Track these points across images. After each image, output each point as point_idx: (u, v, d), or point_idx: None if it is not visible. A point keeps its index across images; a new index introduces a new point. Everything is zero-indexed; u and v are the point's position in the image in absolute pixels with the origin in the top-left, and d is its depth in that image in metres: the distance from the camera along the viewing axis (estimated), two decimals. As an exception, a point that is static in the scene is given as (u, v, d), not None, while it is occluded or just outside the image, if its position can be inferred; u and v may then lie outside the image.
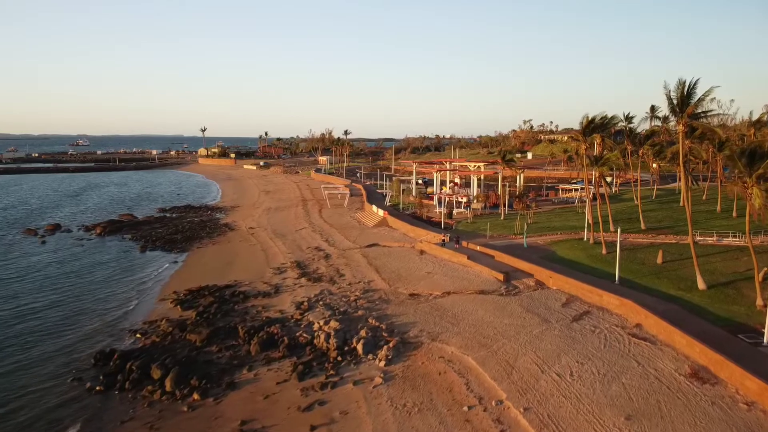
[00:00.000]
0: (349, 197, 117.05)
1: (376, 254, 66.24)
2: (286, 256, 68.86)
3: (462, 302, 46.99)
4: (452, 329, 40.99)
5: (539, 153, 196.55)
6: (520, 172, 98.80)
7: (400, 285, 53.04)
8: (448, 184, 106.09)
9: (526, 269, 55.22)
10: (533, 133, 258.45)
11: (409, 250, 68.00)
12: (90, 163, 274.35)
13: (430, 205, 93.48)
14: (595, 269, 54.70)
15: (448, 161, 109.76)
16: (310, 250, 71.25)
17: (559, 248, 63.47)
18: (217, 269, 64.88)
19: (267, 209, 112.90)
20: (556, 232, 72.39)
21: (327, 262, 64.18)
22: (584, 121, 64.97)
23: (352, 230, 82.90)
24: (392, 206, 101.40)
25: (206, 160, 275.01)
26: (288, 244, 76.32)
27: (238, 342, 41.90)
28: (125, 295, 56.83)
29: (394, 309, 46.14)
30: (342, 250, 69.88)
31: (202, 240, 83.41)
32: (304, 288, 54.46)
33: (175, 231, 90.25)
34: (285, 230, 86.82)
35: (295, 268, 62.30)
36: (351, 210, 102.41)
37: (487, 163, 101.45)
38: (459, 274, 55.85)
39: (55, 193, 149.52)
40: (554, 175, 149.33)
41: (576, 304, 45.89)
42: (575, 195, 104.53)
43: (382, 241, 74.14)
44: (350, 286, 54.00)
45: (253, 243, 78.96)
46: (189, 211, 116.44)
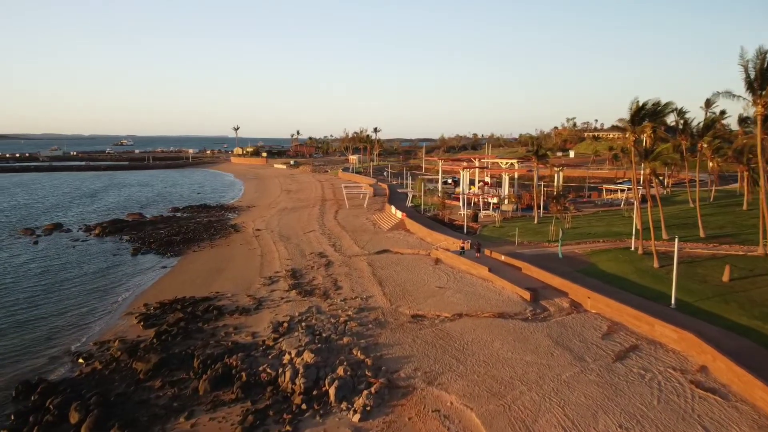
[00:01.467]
0: (372, 197, 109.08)
1: (383, 263, 57.27)
2: (283, 263, 60.65)
3: (475, 328, 37.54)
4: (456, 368, 31.66)
5: (582, 151, 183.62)
6: (558, 170, 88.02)
7: (403, 303, 43.90)
8: (477, 183, 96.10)
9: (558, 286, 45.28)
10: (576, 131, 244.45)
11: (423, 258, 58.75)
12: (124, 162, 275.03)
13: (454, 207, 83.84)
14: (645, 288, 44.37)
15: (477, 158, 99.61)
16: (312, 257, 62.85)
17: (601, 259, 53.14)
18: (203, 277, 57.18)
19: (282, 209, 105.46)
20: (597, 239, 61.85)
21: (326, 272, 55.59)
22: (633, 107, 54.31)
23: (364, 234, 74.17)
24: (413, 207, 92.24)
25: (238, 159, 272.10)
26: (291, 248, 68.15)
27: (189, 375, 33.66)
28: (92, 306, 49.63)
29: (388, 336, 37.05)
30: (347, 257, 61.21)
31: (201, 242, 76.22)
32: (291, 304, 45.95)
33: (177, 232, 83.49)
34: (292, 233, 78.79)
35: (288, 278, 53.98)
36: (369, 211, 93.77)
37: (520, 159, 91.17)
38: (476, 290, 46.32)
39: (74, 191, 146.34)
40: (598, 175, 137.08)
41: (620, 335, 35.89)
42: (621, 196, 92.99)
43: (394, 246, 65.11)
44: (344, 302, 45.18)
45: (254, 247, 71.12)
46: (202, 210, 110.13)
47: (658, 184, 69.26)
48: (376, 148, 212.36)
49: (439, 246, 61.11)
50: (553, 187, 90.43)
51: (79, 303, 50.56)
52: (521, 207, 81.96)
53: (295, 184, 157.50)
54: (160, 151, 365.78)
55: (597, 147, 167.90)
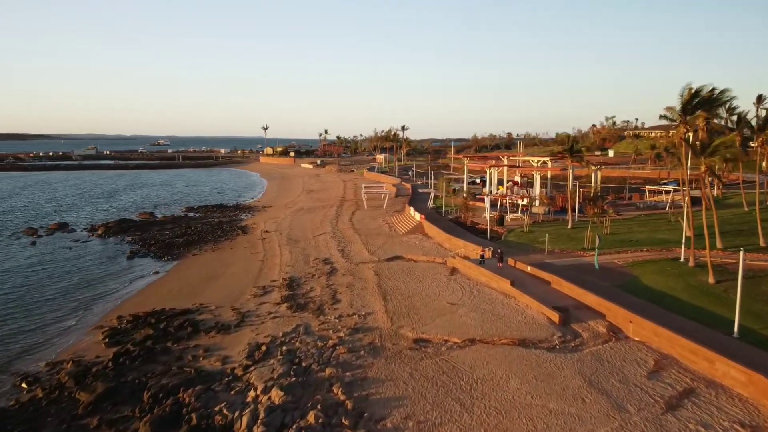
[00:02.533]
0: (393, 198, 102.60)
1: (392, 272, 50.57)
2: (283, 270, 54.61)
3: (489, 360, 30.54)
4: (460, 417, 24.76)
5: (622, 150, 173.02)
6: (595, 168, 79.70)
7: (406, 323, 37.11)
8: (506, 183, 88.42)
9: (594, 305, 37.78)
10: (616, 129, 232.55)
11: (438, 267, 51.81)
12: (155, 161, 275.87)
13: (479, 208, 76.47)
14: (699, 310, 36.64)
15: (505, 155, 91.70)
16: (316, 263, 56.61)
17: (645, 272, 45.31)
18: (193, 285, 51.61)
19: (298, 210, 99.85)
20: (640, 247, 53.88)
21: (327, 281, 49.23)
22: (685, 94, 46.22)
23: (377, 238, 67.59)
24: (434, 209, 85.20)
25: (267, 159, 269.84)
26: (295, 253, 62.11)
27: (134, 412, 27.67)
28: (62, 318, 44.46)
29: (381, 368, 30.34)
30: (354, 264, 54.74)
31: (204, 245, 70.97)
32: (278, 321, 39.71)
33: (181, 234, 78.60)
34: (302, 235, 72.80)
35: (283, 288, 47.84)
36: (388, 212, 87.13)
37: (553, 157, 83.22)
38: (495, 308, 39.19)
39: (94, 190, 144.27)
40: (639, 175, 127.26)
41: (671, 373, 28.40)
42: (666, 198, 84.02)
43: (408, 253, 58.33)
44: (339, 320, 38.68)
45: (257, 251, 65.37)
46: (216, 210, 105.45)
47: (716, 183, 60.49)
48: (403, 147, 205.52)
49: (456, 253, 54.02)
50: (590, 188, 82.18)
51: (50, 313, 45.45)
52: (554, 209, 74.09)
53: (318, 184, 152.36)
54: (192, 150, 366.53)
55: (638, 145, 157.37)
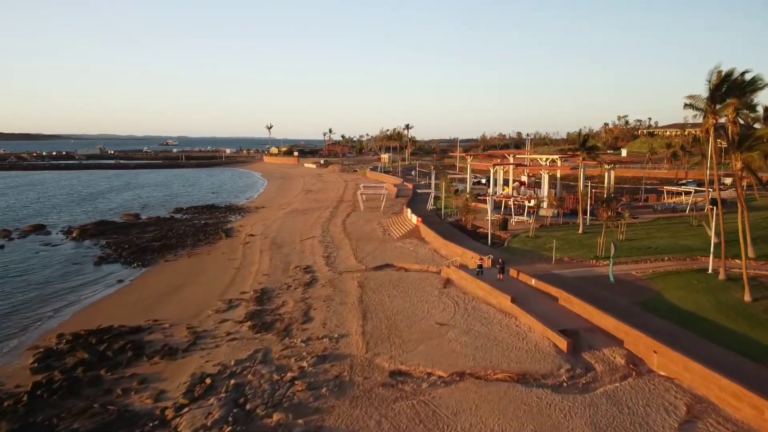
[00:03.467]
0: (393, 198, 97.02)
1: (379, 283, 44.53)
2: (257, 281, 48.79)
3: (479, 404, 24.42)
4: (433, 490, 18.67)
5: (636, 149, 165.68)
6: (608, 167, 73.17)
7: (384, 349, 31.04)
8: (512, 183, 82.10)
9: (610, 329, 31.51)
10: (629, 128, 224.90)
11: (430, 277, 45.70)
12: (158, 161, 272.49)
13: (482, 210, 70.21)
14: (738, 335, 30.43)
15: (512, 153, 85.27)
16: (296, 272, 50.74)
17: (669, 287, 38.97)
18: (153, 298, 45.93)
19: (291, 211, 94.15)
20: (661, 256, 47.55)
21: (303, 294, 43.29)
22: (713, 78, 39.71)
23: (369, 243, 61.60)
24: (434, 210, 79.09)
25: (271, 159, 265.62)
26: (276, 260, 56.31)
27: (25, 472, 21.87)
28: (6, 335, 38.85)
29: (342, 414, 24.28)
30: (337, 274, 48.81)
31: (181, 250, 65.42)
32: (235, 344, 33.81)
33: (160, 237, 73.09)
34: (288, 240, 66.99)
35: (251, 303, 41.97)
36: (385, 214, 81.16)
37: (563, 156, 76.80)
38: (491, 330, 33.02)
39: (85, 190, 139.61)
40: (655, 175, 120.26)
41: (709, 423, 22.14)
42: (686, 200, 77.30)
43: (399, 260, 52.31)
44: (305, 344, 32.72)
45: (235, 257, 59.65)
46: (206, 212, 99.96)
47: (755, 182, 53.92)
48: (408, 146, 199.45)
49: (451, 262, 47.84)
50: (603, 189, 75.76)
51: (-14, 330, 39.85)
52: (563, 212, 67.67)
53: (318, 184, 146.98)
54: (197, 150, 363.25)
55: (653, 144, 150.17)
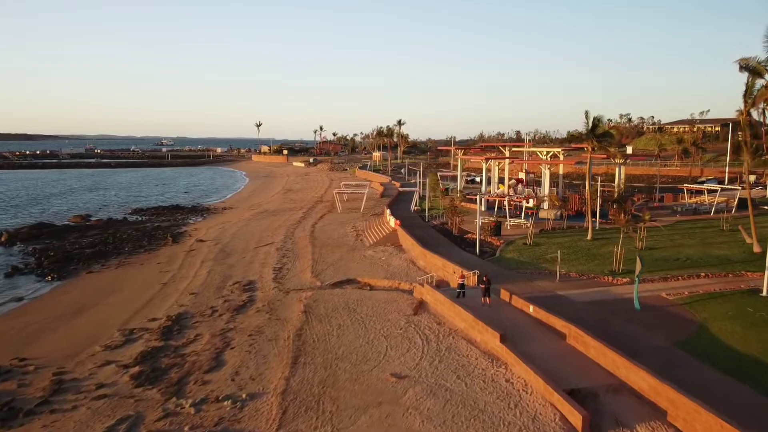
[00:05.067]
0: (378, 198, 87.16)
1: (330, 307, 34.05)
2: (179, 302, 38.33)
3: None
4: None
5: (642, 147, 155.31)
6: (619, 162, 62.77)
7: (305, 425, 20.52)
8: (507, 181, 71.64)
9: (645, 390, 21.00)
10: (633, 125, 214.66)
11: (399, 299, 35.18)
12: (145, 159, 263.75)
13: (472, 212, 59.79)
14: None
15: (507, 146, 74.57)
16: (232, 290, 40.29)
17: (714, 316, 28.65)
18: (42, 323, 35.53)
19: (260, 213, 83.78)
20: (695, 270, 37.27)
21: (226, 324, 32.85)
22: None
23: (335, 250, 51.16)
24: (419, 212, 68.77)
25: (259, 157, 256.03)
26: (215, 273, 45.88)
27: None
28: None
29: None
30: (283, 293, 38.37)
31: (114, 258, 55.06)
32: (100, 405, 23.37)
33: (98, 243, 62.71)
34: (240, 247, 56.56)
35: (155, 336, 31.52)
36: (365, 216, 70.84)
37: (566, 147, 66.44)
38: (471, 390, 22.51)
39: (49, 189, 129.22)
40: (666, 173, 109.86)
41: None
42: (708, 200, 66.95)
43: (366, 274, 41.87)
44: (196, 410, 22.26)
45: (170, 269, 49.25)
46: (167, 213, 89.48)
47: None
48: (401, 143, 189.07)
49: (427, 278, 37.30)
50: (613, 187, 65.32)
51: None
52: (567, 214, 57.23)
53: (301, 183, 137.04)
54: (188, 149, 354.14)
55: (662, 141, 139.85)
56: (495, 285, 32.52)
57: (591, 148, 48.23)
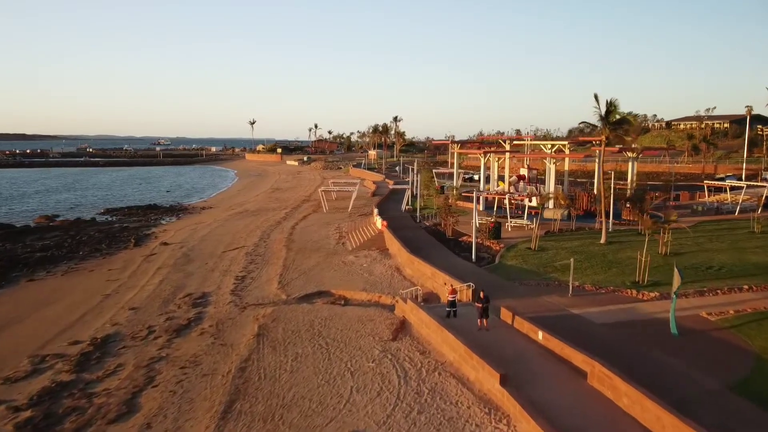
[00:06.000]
0: (370, 197, 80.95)
1: (291, 329, 27.63)
2: (113, 319, 31.90)
3: None
4: None
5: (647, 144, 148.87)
6: (632, 155, 56.36)
7: None
8: (508, 177, 65.16)
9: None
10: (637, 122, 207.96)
11: (378, 317, 28.70)
12: (135, 158, 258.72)
13: (468, 212, 53.37)
14: None
15: (508, 139, 67.64)
16: (181, 304, 33.87)
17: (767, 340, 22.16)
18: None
19: (240, 213, 77.35)
20: (734, 282, 30.89)
21: (159, 350, 26.48)
22: None
23: (312, 255, 44.74)
24: (410, 212, 62.43)
25: (253, 156, 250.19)
26: (167, 283, 39.44)
27: None
28: None
29: None
30: (238, 309, 31.96)
31: (64, 264, 48.61)
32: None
33: (52, 246, 56.24)
34: (207, 251, 50.14)
35: (68, 366, 25.13)
36: (352, 216, 64.51)
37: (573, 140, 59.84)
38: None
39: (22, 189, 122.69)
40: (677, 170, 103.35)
41: None
42: (732, 198, 60.55)
43: (342, 284, 35.47)
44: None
45: (119, 277, 42.78)
46: (140, 213, 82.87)
47: None
48: (397, 141, 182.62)
49: (411, 292, 30.86)
50: (624, 184, 58.92)
51: None
52: (575, 214, 50.78)
53: (291, 182, 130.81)
54: (182, 148, 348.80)
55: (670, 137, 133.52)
56: (494, 301, 26.06)
57: (605, 137, 41.66)
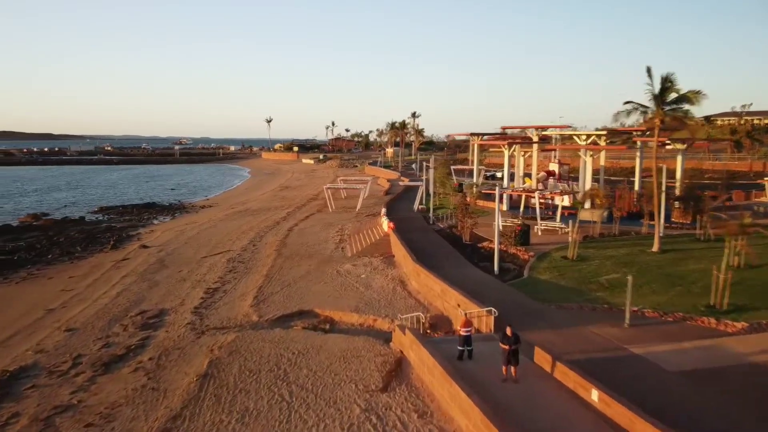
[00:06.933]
0: (383, 195, 74.10)
1: (246, 371, 20.64)
2: (39, 343, 25.39)
3: None
4: None
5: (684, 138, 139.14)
6: (682, 147, 48.42)
7: None
8: (536, 174, 57.51)
9: None
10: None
11: (365, 352, 21.52)
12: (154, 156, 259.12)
13: (488, 213, 46.01)
14: None
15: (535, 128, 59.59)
16: (126, 326, 27.17)
17: None
18: None
19: (238, 212, 70.95)
20: None
21: (70, 395, 19.71)
22: None
23: (303, 263, 37.81)
24: (423, 212, 55.24)
25: (269, 155, 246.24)
26: (124, 297, 32.81)
27: None
28: None
29: None
30: (195, 334, 25.13)
31: (24, 269, 42.60)
32: None
33: (22, 248, 50.47)
34: (187, 256, 43.56)
35: (-60, 419, 18.43)
36: (359, 217, 57.63)
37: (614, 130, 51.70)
38: None
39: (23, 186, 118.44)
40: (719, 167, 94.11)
41: None
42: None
43: (329, 302, 28.41)
44: None
45: (76, 287, 36.41)
46: (135, 211, 77.14)
47: None
48: (416, 138, 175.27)
49: (413, 319, 23.61)
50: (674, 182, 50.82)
51: None
52: (618, 215, 42.92)
53: (304, 180, 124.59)
54: (200, 147, 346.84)
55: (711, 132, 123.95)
56: (525, 333, 18.78)
57: (658, 121, 33.85)
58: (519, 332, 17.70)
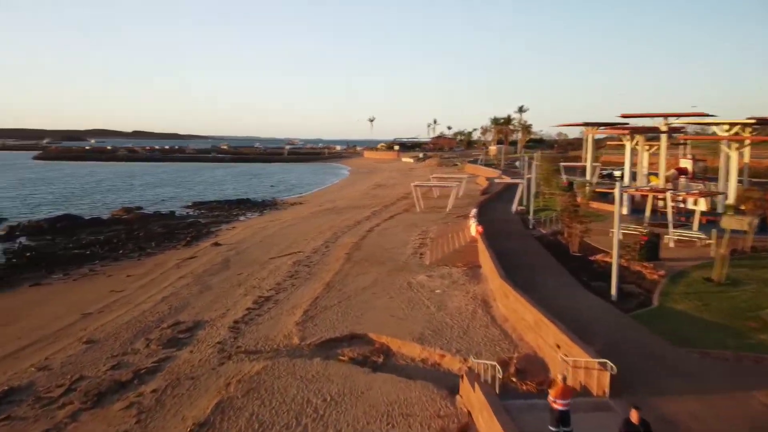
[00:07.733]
0: (479, 195, 67.44)
1: (260, 422, 15.45)
2: (49, 358, 21.93)
3: None
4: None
5: None
6: None
7: None
8: (664, 171, 48.00)
9: None
10: None
11: (419, 408, 15.51)
12: (263, 155, 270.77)
13: (602, 218, 37.89)
14: None
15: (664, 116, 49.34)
16: (150, 341, 23.04)
17: None
18: None
19: (323, 210, 67.50)
20: None
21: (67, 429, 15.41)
22: None
23: (372, 270, 32.44)
24: (522, 213, 47.89)
25: (370, 154, 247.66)
26: (167, 303, 29.08)
27: None
28: None
29: None
30: (221, 358, 20.43)
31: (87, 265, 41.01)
32: None
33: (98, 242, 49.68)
34: (254, 256, 39.86)
35: None
36: (446, 218, 51.59)
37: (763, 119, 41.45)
38: None
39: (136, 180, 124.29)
40: None
41: None
42: None
43: (389, 324, 22.62)
44: None
45: (125, 288, 33.59)
46: (226, 207, 76.11)
47: None
48: (522, 134, 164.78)
49: (489, 367, 17.07)
50: None
51: None
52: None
53: (399, 178, 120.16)
54: (309, 147, 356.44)
55: None
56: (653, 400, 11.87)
57: None
58: (649, 398, 10.84)
